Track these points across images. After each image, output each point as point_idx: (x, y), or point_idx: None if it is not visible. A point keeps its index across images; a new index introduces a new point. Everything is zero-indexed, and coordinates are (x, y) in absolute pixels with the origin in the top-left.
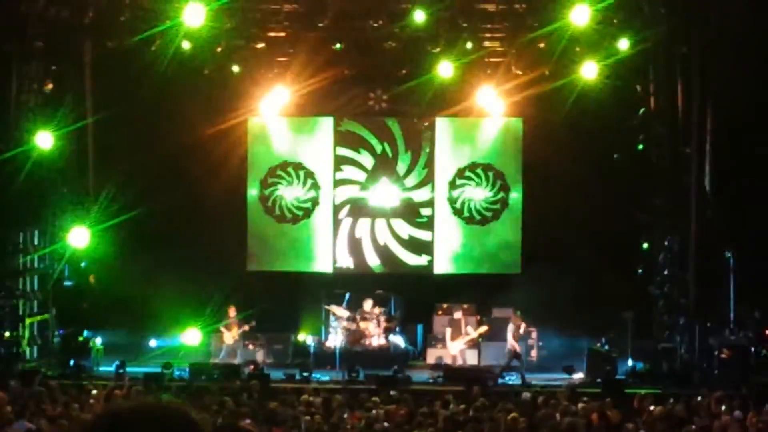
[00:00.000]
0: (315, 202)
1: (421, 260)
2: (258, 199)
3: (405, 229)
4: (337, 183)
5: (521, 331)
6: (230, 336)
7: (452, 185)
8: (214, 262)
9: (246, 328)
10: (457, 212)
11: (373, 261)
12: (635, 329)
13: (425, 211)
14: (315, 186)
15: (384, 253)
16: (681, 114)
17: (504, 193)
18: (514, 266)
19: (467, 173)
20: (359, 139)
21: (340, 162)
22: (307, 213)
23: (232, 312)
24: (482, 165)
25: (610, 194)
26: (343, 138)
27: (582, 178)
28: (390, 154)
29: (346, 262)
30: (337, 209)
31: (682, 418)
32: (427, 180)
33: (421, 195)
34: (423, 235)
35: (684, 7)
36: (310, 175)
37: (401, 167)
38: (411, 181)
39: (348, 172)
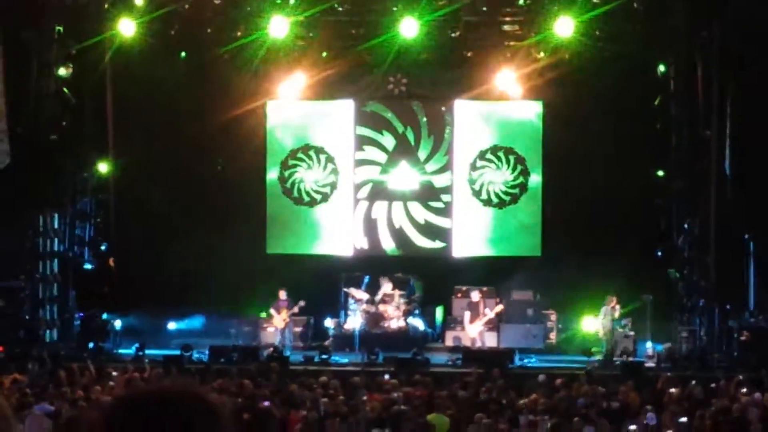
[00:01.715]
0: (333, 186)
1: (435, 245)
2: (277, 182)
3: (422, 214)
4: (358, 163)
5: (617, 314)
6: (280, 319)
7: (473, 167)
8: (234, 245)
9: (295, 309)
10: (476, 194)
11: (388, 243)
12: (654, 312)
13: (444, 197)
14: (335, 171)
15: (399, 235)
16: (701, 97)
17: (524, 177)
18: (533, 249)
19: (488, 155)
20: (383, 120)
21: (362, 142)
22: (325, 197)
23: (282, 295)
24: (503, 148)
25: (630, 177)
26: (366, 119)
27: (601, 161)
28: (412, 138)
29: (361, 242)
30: (356, 189)
31: (701, 400)
32: (448, 166)
33: (441, 180)
34: (439, 221)
35: None
36: (330, 159)
37: (422, 153)
38: (432, 166)
39: (369, 152)
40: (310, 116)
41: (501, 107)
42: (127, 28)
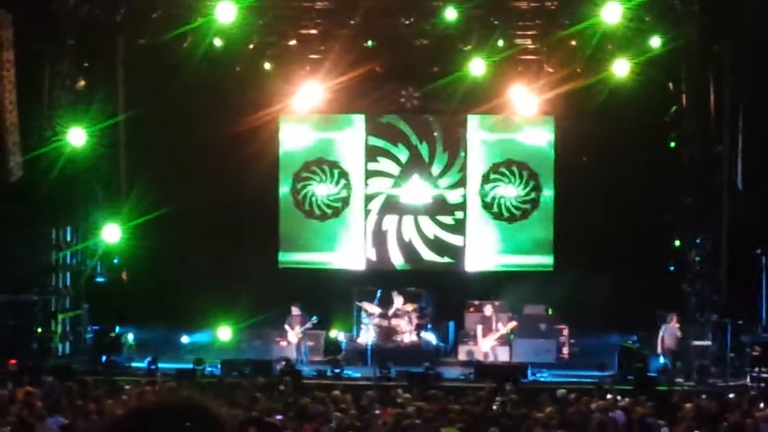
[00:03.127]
0: (345, 202)
1: (443, 261)
2: (289, 196)
3: (432, 229)
4: (370, 174)
5: (678, 334)
6: (294, 334)
7: (485, 179)
8: (246, 259)
9: (309, 325)
10: (487, 206)
11: (396, 256)
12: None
13: (457, 214)
14: (347, 186)
15: (408, 250)
16: (713, 112)
17: (536, 192)
18: (546, 264)
19: (502, 169)
20: (399, 133)
21: (376, 153)
22: (336, 212)
23: (295, 310)
24: (517, 163)
25: (642, 192)
26: (382, 130)
27: (614, 176)
28: (427, 152)
29: (370, 254)
30: (367, 200)
31: (714, 415)
32: (462, 182)
33: (453, 196)
34: (449, 237)
35: (716, 5)
36: (343, 174)
37: (436, 168)
38: (445, 181)
39: (383, 164)
40: (323, 129)
41: (513, 122)
42: (138, 40)
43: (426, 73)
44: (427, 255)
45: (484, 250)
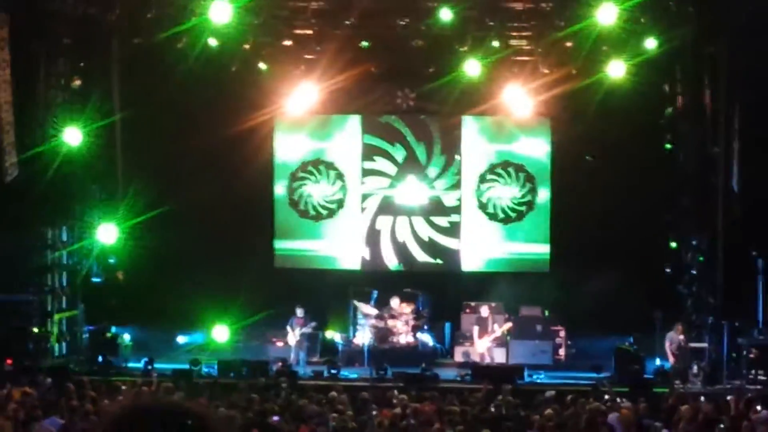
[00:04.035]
0: (341, 204)
1: (436, 262)
2: (285, 197)
3: (427, 231)
4: (366, 172)
5: (683, 344)
6: (293, 336)
7: (482, 179)
8: (242, 259)
9: (308, 329)
10: (482, 206)
11: (390, 257)
12: (664, 328)
13: (453, 217)
14: (343, 188)
15: (401, 250)
16: (708, 114)
17: (532, 194)
18: (542, 265)
19: (498, 170)
20: (397, 133)
21: (373, 152)
22: (331, 213)
23: (299, 312)
24: (514, 164)
25: (637, 193)
26: (381, 130)
27: (610, 178)
28: (424, 154)
29: (364, 253)
30: (362, 199)
31: (710, 417)
32: (458, 185)
33: (450, 199)
34: (444, 240)
35: (711, 7)
36: (340, 176)
37: (433, 169)
38: (441, 183)
39: (380, 163)
40: (319, 130)
41: (509, 123)
42: (134, 40)
43: (421, 74)
44: (421, 257)
45: (480, 251)
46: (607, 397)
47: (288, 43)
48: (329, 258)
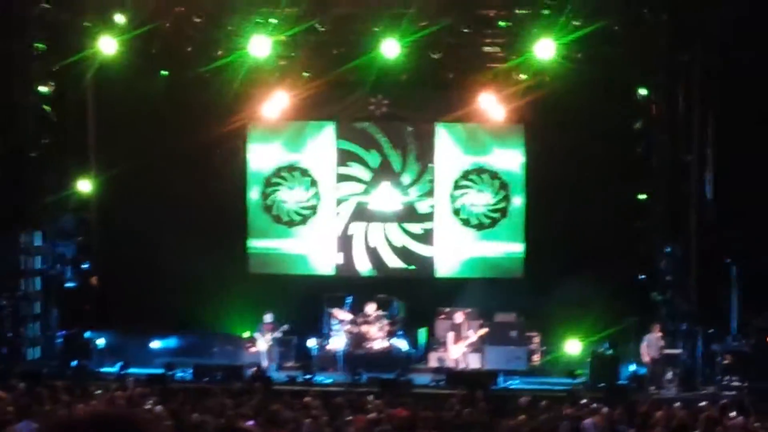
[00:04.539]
0: (314, 210)
1: (409, 269)
2: (259, 203)
3: (400, 238)
4: (341, 178)
5: (661, 344)
6: (264, 341)
7: (455, 185)
8: (217, 265)
9: (278, 334)
10: (456, 212)
11: (362, 263)
12: (637, 335)
13: (426, 224)
14: (317, 195)
15: (374, 256)
16: (682, 121)
17: (506, 202)
18: (516, 271)
19: (472, 176)
20: (372, 140)
21: (347, 158)
22: (304, 220)
23: (267, 318)
24: (489, 171)
25: (611, 200)
26: (356, 135)
27: (583, 184)
28: (399, 160)
29: (337, 259)
30: (336, 204)
31: (684, 423)
32: (432, 192)
33: (423, 206)
34: (417, 247)
35: (685, 14)
36: (314, 183)
37: (407, 176)
38: (416, 191)
39: (354, 169)
40: (293, 136)
41: (483, 130)
42: (108, 46)
43: (395, 81)
44: (393, 262)
45: (454, 256)
46: (584, 401)
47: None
48: (303, 257)
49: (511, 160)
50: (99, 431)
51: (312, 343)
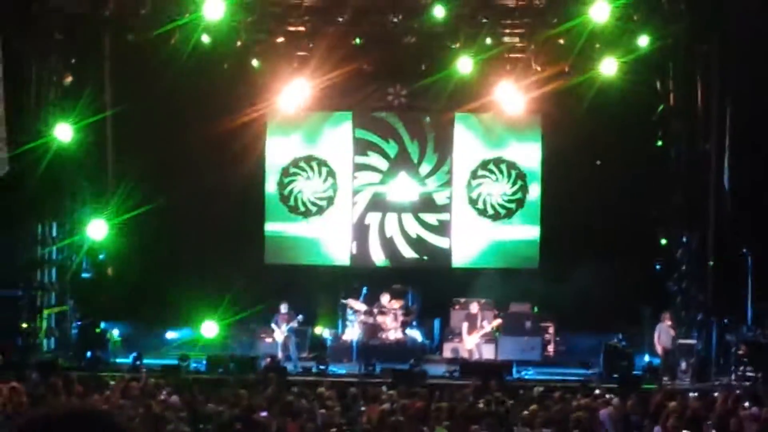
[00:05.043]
0: (330, 201)
1: (424, 260)
2: (276, 193)
3: (415, 229)
4: (358, 167)
5: (672, 333)
6: (279, 332)
7: (473, 175)
8: (232, 255)
9: (294, 324)
10: (473, 202)
11: (377, 253)
12: (652, 325)
13: (443, 215)
14: (334, 186)
15: (389, 246)
16: (700, 111)
17: (522, 192)
18: (531, 261)
19: (490, 166)
20: (390, 129)
21: (366, 147)
22: (320, 210)
23: (283, 308)
24: (505, 161)
25: (628, 190)
26: (375, 125)
27: (601, 175)
28: (417, 151)
29: (352, 248)
30: (353, 194)
31: (698, 414)
32: (450, 183)
33: (441, 197)
34: (433, 238)
35: (704, 4)
36: (331, 174)
37: (425, 167)
38: (433, 181)
39: (372, 159)
40: (311, 127)
41: (501, 120)
42: (126, 36)
43: (414, 71)
44: (408, 253)
45: (469, 247)
46: (597, 392)
47: (281, 39)
48: (318, 247)
49: (528, 150)
50: (75, 428)
51: (326, 333)
